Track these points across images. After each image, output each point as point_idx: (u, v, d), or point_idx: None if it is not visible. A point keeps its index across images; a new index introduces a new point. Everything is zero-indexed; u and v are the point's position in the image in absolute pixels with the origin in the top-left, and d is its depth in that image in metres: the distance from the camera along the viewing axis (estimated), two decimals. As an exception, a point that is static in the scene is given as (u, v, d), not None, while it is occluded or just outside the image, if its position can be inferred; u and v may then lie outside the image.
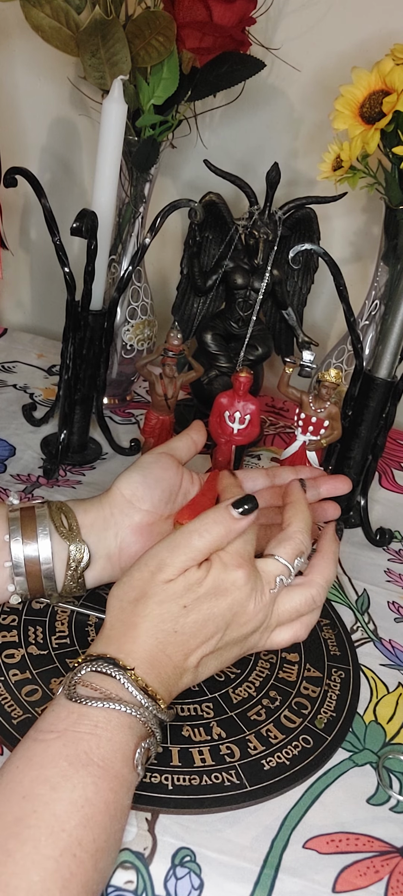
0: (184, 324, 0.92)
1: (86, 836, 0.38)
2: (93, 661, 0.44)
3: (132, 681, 0.43)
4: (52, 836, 0.37)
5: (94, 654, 0.45)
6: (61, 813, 0.37)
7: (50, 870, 0.36)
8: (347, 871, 0.45)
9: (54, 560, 0.53)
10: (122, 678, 0.43)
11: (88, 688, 0.43)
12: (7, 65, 1.00)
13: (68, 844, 0.37)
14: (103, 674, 0.43)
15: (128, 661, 0.44)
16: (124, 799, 0.41)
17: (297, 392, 0.72)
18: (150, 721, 0.43)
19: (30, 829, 0.37)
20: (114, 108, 0.69)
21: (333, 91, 0.74)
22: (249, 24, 0.78)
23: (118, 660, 0.44)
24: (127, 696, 0.43)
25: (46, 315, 1.16)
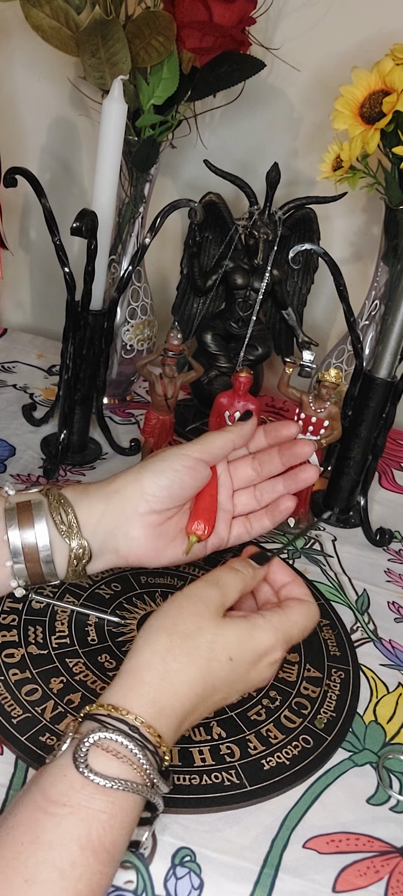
0: (184, 324, 0.92)
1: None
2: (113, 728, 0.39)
3: (152, 760, 0.40)
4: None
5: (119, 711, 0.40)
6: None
7: None
8: (347, 870, 0.45)
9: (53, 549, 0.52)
10: (143, 761, 0.39)
11: (103, 751, 0.39)
12: (7, 65, 1.00)
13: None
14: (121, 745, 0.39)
15: (159, 724, 0.41)
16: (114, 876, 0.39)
17: (297, 392, 0.72)
18: (159, 799, 0.41)
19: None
20: (114, 108, 0.69)
21: (333, 91, 0.74)
22: (249, 24, 0.78)
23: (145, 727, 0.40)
24: (143, 776, 0.40)
25: (46, 315, 1.16)
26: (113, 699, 0.41)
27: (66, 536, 0.52)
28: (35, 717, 0.49)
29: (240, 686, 0.46)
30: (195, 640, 0.43)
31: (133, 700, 0.41)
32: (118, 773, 0.38)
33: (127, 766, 0.39)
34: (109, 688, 0.42)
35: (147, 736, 0.40)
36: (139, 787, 0.39)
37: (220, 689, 0.44)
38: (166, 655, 0.42)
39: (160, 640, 0.43)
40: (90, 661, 0.54)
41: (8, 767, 0.46)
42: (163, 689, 0.41)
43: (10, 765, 0.46)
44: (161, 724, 0.41)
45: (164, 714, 0.41)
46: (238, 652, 0.45)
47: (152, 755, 0.40)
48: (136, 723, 0.40)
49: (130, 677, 0.42)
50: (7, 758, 0.47)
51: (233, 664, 0.44)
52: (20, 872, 0.35)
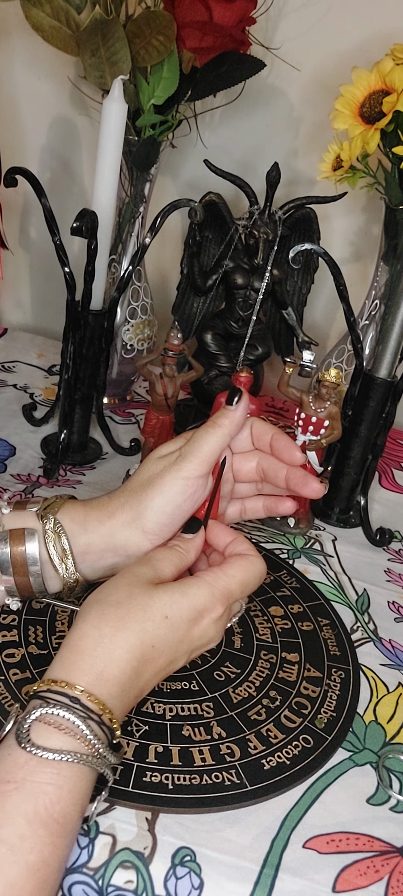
0: (184, 323, 0.91)
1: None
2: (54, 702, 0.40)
3: (97, 730, 0.40)
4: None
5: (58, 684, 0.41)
6: (18, 879, 0.35)
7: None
8: (347, 870, 0.45)
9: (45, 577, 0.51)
10: (86, 731, 0.39)
11: (46, 725, 0.39)
12: (7, 65, 1.00)
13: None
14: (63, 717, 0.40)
15: (98, 690, 0.41)
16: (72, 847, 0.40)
17: (297, 392, 0.72)
18: (108, 768, 0.41)
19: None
20: (115, 107, 0.69)
21: (333, 91, 0.74)
22: (249, 24, 0.78)
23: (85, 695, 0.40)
24: (88, 746, 0.40)
25: (46, 315, 1.16)
26: (52, 674, 0.42)
27: (58, 567, 0.51)
28: (35, 716, 0.49)
29: (185, 646, 0.46)
30: (127, 606, 0.44)
31: (70, 671, 0.41)
32: (61, 745, 0.39)
33: (70, 737, 0.39)
34: (50, 665, 0.43)
35: (88, 705, 0.40)
36: (85, 758, 0.39)
37: (163, 650, 0.44)
38: (99, 623, 0.43)
39: (93, 610, 0.44)
40: (90, 661, 0.54)
41: (8, 767, 0.46)
42: (98, 654, 0.42)
43: (10, 764, 0.46)
44: (101, 692, 0.41)
45: (103, 680, 0.41)
46: (172, 610, 0.44)
47: (97, 724, 0.40)
48: (76, 693, 0.40)
49: (67, 650, 0.43)
50: (7, 757, 0.47)
51: (170, 622, 0.44)
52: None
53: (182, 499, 0.51)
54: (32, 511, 0.52)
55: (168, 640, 0.44)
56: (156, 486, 0.51)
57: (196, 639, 0.46)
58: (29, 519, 0.51)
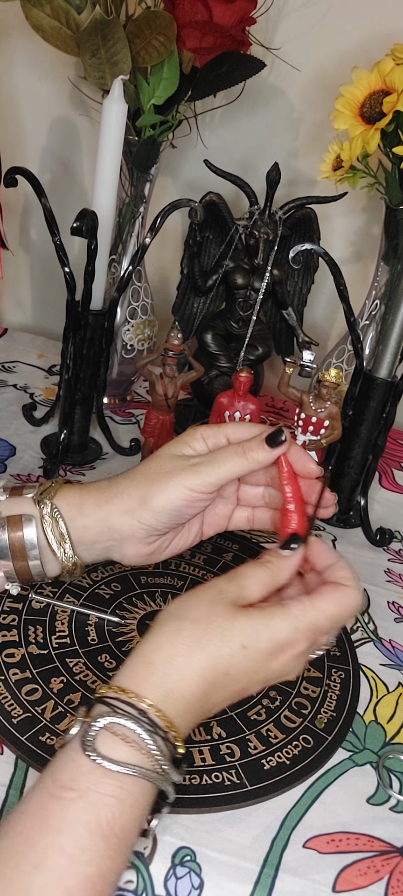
0: (185, 324, 0.92)
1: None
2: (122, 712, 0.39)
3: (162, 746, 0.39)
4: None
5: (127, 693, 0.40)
6: (75, 891, 0.35)
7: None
8: (347, 870, 0.45)
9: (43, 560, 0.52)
10: (152, 746, 0.39)
11: (112, 735, 0.38)
12: (7, 65, 1.00)
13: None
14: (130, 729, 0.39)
15: (167, 706, 0.40)
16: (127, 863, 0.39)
17: (297, 392, 0.72)
18: (169, 787, 0.40)
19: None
20: (115, 108, 0.69)
21: (333, 91, 0.74)
22: (249, 24, 0.78)
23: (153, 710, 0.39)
24: (152, 762, 0.39)
25: (46, 315, 1.16)
26: (121, 682, 0.41)
27: (57, 551, 0.51)
28: (35, 716, 0.49)
29: (261, 677, 0.44)
30: (205, 626, 0.42)
31: (140, 683, 0.40)
32: (126, 758, 0.38)
33: (135, 750, 0.38)
34: (119, 671, 0.42)
35: (155, 720, 0.39)
36: (148, 773, 0.38)
37: (237, 678, 0.43)
38: (175, 638, 0.42)
39: (170, 624, 0.43)
40: (90, 661, 0.54)
41: (8, 767, 0.46)
42: (169, 672, 0.41)
43: (10, 765, 0.46)
44: (169, 709, 0.40)
45: (172, 697, 0.40)
46: (251, 640, 0.42)
47: (162, 740, 0.39)
48: (144, 706, 0.39)
49: (138, 660, 0.42)
50: (7, 758, 0.47)
51: (248, 652, 0.42)
52: (29, 858, 0.35)
53: (184, 505, 0.51)
54: (29, 497, 0.51)
55: (243, 669, 0.43)
56: (161, 484, 0.51)
57: (273, 671, 0.44)
58: (25, 505, 0.51)
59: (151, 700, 0.40)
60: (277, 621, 0.43)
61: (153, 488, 0.51)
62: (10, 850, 0.35)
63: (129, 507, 0.51)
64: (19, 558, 0.51)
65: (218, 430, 0.52)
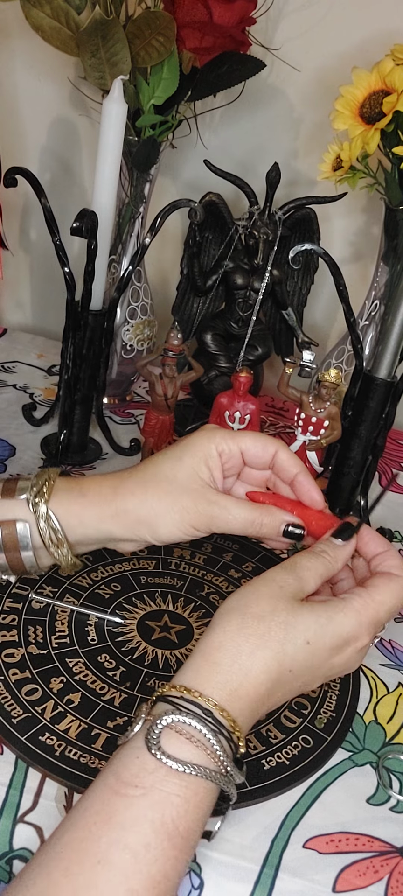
0: (184, 324, 0.91)
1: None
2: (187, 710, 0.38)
3: (226, 746, 0.39)
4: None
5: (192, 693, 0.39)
6: (139, 888, 0.34)
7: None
8: (347, 870, 0.45)
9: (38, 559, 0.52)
10: (216, 746, 0.38)
11: (177, 734, 0.38)
12: (7, 65, 1.00)
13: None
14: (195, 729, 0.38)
15: (231, 706, 0.39)
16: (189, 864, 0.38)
17: (297, 392, 0.72)
18: (232, 789, 0.40)
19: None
20: (114, 108, 0.69)
21: (333, 91, 0.74)
22: (249, 24, 0.78)
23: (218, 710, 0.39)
24: (217, 762, 0.38)
25: (46, 315, 1.16)
26: (185, 680, 0.40)
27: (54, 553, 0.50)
28: (35, 716, 0.49)
29: (324, 671, 0.44)
30: (269, 622, 0.42)
31: (204, 682, 0.40)
32: (191, 758, 0.38)
33: (200, 750, 0.38)
34: (181, 669, 0.41)
35: (220, 720, 0.39)
36: (212, 774, 0.38)
37: (299, 674, 0.42)
38: (237, 636, 0.41)
39: (232, 621, 0.42)
40: (90, 661, 0.54)
41: (8, 767, 0.46)
42: (234, 670, 0.40)
43: (10, 765, 0.46)
44: (234, 708, 0.40)
45: (237, 697, 0.40)
46: (316, 636, 0.42)
47: (227, 741, 0.39)
48: (209, 706, 0.39)
49: (201, 658, 0.41)
50: (7, 758, 0.47)
51: (311, 648, 0.42)
52: (92, 853, 0.34)
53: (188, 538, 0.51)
54: (22, 500, 0.50)
55: (307, 664, 0.42)
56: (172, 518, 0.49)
57: (336, 665, 0.44)
58: (19, 509, 0.50)
59: (216, 699, 0.39)
60: (341, 616, 0.43)
61: (162, 520, 0.50)
62: (73, 845, 0.35)
63: (133, 524, 0.50)
64: (13, 551, 0.50)
65: (233, 441, 0.51)
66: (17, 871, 0.42)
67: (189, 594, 0.63)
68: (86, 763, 0.46)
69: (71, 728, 0.49)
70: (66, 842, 0.35)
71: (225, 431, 0.51)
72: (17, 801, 0.44)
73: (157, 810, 0.36)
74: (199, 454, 0.50)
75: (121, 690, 0.52)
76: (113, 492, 0.50)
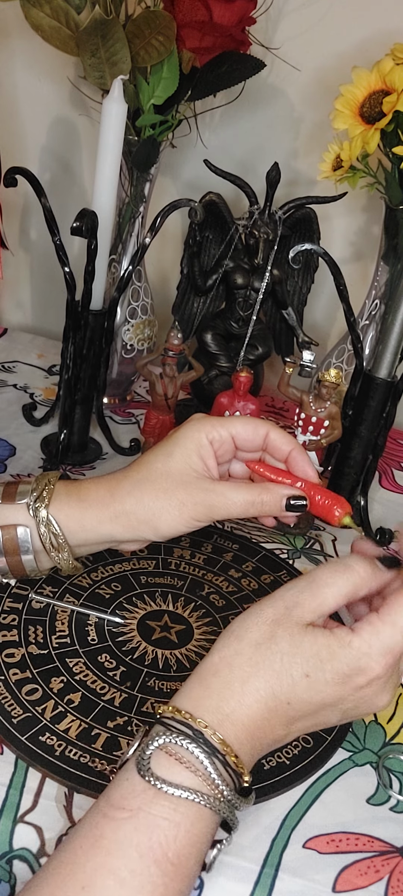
0: (185, 323, 0.92)
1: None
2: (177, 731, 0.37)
3: (222, 770, 0.37)
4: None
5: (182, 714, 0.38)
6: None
7: None
8: (347, 870, 0.45)
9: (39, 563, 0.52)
10: (210, 769, 0.37)
11: (168, 756, 0.37)
12: (7, 65, 1.00)
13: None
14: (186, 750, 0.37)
15: (224, 730, 0.38)
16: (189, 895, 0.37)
17: (297, 392, 0.72)
18: (231, 815, 0.38)
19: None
20: (114, 107, 0.69)
21: (333, 91, 0.74)
22: (249, 24, 0.78)
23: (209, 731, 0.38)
24: (211, 787, 0.37)
25: (46, 315, 1.16)
26: (179, 703, 0.40)
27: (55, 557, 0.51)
28: (35, 716, 0.49)
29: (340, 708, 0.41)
30: (265, 651, 0.40)
31: (196, 705, 0.39)
32: (182, 780, 0.36)
33: (192, 773, 0.37)
34: (179, 691, 0.41)
35: (212, 742, 0.37)
36: (206, 798, 0.36)
37: (301, 708, 0.40)
38: (232, 662, 0.40)
39: (229, 646, 0.41)
40: (90, 661, 0.54)
41: (8, 767, 0.46)
42: (226, 696, 0.39)
43: (10, 765, 0.46)
44: (228, 734, 0.38)
45: (230, 722, 0.39)
46: (315, 669, 0.40)
47: (222, 765, 0.38)
48: (200, 727, 0.38)
49: (196, 681, 0.40)
50: (7, 758, 0.47)
51: (310, 681, 0.39)
52: (78, 878, 0.34)
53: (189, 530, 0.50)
54: (22, 504, 0.50)
55: (307, 699, 0.40)
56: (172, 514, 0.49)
57: (351, 702, 0.41)
58: (19, 514, 0.50)
59: (208, 722, 0.38)
60: (345, 651, 0.40)
61: (162, 517, 0.50)
62: (60, 869, 0.34)
63: (134, 525, 0.50)
64: (13, 555, 0.50)
65: (224, 429, 0.50)
66: (17, 871, 0.42)
67: (189, 594, 0.63)
68: (87, 763, 0.46)
69: (71, 728, 0.49)
70: (55, 867, 0.35)
71: (214, 419, 0.51)
72: (17, 801, 0.44)
73: (144, 833, 0.35)
74: (190, 446, 0.50)
75: (121, 690, 0.52)
76: (110, 495, 0.50)
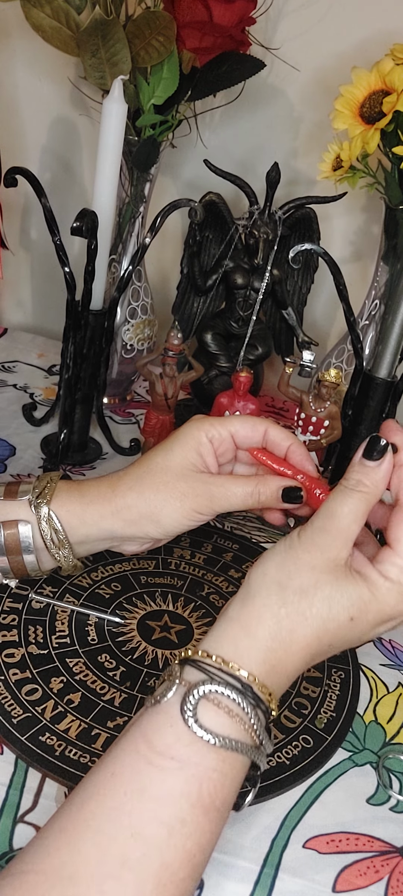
0: (185, 323, 0.92)
1: (191, 887, 0.35)
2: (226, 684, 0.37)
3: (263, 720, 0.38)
4: (158, 887, 0.33)
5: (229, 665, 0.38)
6: (173, 862, 0.34)
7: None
8: (347, 870, 0.45)
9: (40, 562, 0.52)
10: (254, 721, 0.37)
11: (214, 706, 0.37)
12: (7, 65, 1.00)
13: None
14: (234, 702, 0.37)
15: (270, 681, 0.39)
16: None
17: (297, 392, 0.72)
18: (264, 759, 0.39)
19: (134, 872, 0.33)
20: (115, 107, 0.69)
21: (333, 91, 0.74)
22: (249, 24, 0.78)
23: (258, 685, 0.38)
24: (253, 736, 0.38)
25: (47, 315, 1.16)
26: (221, 651, 0.39)
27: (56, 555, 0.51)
28: (35, 716, 0.49)
29: (363, 640, 0.43)
30: (311, 598, 0.40)
31: (243, 655, 0.39)
32: (229, 732, 0.37)
33: (238, 724, 0.37)
34: (215, 634, 0.40)
35: (259, 695, 0.38)
36: (248, 748, 0.37)
37: (338, 646, 0.42)
38: (279, 612, 0.40)
39: (272, 594, 0.40)
40: (90, 661, 0.54)
41: (8, 767, 0.46)
42: (275, 648, 0.39)
43: (10, 764, 0.46)
44: (272, 683, 0.39)
45: (275, 672, 0.39)
46: (360, 612, 0.40)
47: (264, 716, 0.38)
48: (249, 681, 0.38)
49: (239, 628, 0.40)
50: (7, 757, 0.47)
51: (354, 624, 0.40)
52: (125, 825, 0.34)
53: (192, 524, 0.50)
54: (24, 500, 0.50)
55: (347, 639, 0.41)
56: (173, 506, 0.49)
57: (374, 635, 0.43)
58: (21, 510, 0.50)
59: (256, 674, 0.38)
60: (384, 594, 0.41)
61: (164, 510, 0.49)
62: (103, 815, 0.34)
63: (137, 521, 0.50)
64: (15, 554, 0.50)
65: (223, 427, 0.51)
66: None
67: (189, 594, 0.63)
68: (87, 763, 0.46)
69: (71, 728, 0.49)
70: (94, 809, 0.35)
71: (213, 419, 0.51)
72: (17, 801, 0.45)
73: (194, 785, 0.35)
74: (190, 443, 0.50)
75: (121, 690, 0.52)
76: (111, 490, 0.51)
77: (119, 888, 0.32)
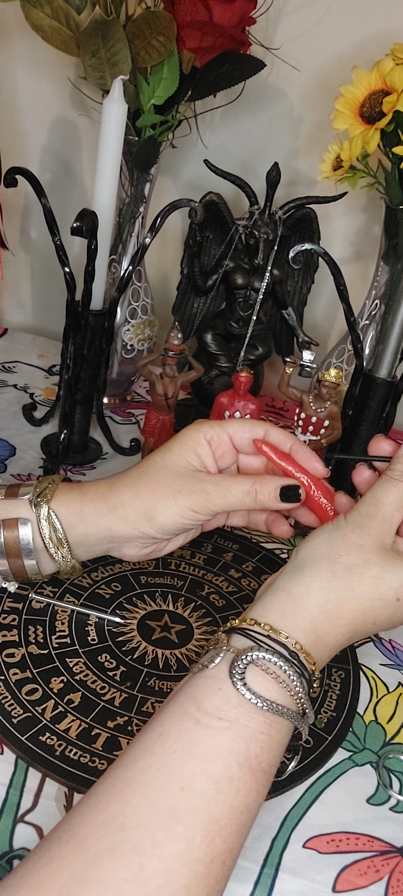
0: (185, 324, 0.92)
1: (237, 843, 0.36)
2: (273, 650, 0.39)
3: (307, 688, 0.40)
4: (207, 839, 0.34)
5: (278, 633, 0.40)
6: (221, 817, 0.35)
7: (199, 875, 0.33)
8: (347, 870, 0.45)
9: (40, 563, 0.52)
10: (299, 689, 0.39)
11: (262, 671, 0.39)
12: (7, 65, 1.00)
13: (221, 851, 0.34)
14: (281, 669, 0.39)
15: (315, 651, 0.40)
16: None
17: (297, 392, 0.72)
18: (306, 727, 0.41)
19: (184, 826, 0.34)
20: (115, 108, 0.69)
21: (333, 91, 0.74)
22: (249, 24, 0.78)
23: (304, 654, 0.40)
24: (297, 703, 0.40)
25: (47, 315, 1.16)
26: (270, 619, 0.41)
27: (55, 555, 0.51)
28: (35, 716, 0.49)
29: (399, 622, 0.44)
30: (360, 575, 0.42)
31: (291, 624, 0.41)
32: (275, 697, 0.38)
33: (284, 690, 0.39)
34: (262, 604, 0.42)
35: (304, 663, 0.40)
36: (292, 714, 0.39)
37: (381, 625, 0.43)
38: (327, 585, 0.41)
39: (322, 568, 0.42)
40: (90, 661, 0.54)
41: (8, 767, 0.46)
42: (321, 619, 0.41)
43: (10, 764, 0.46)
44: (317, 653, 0.41)
45: (320, 643, 0.41)
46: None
47: (308, 684, 0.40)
48: (296, 648, 0.40)
49: (287, 599, 0.42)
50: (7, 757, 0.47)
51: (400, 605, 0.42)
52: (175, 780, 0.35)
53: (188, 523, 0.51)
54: (25, 499, 0.51)
55: (391, 619, 0.43)
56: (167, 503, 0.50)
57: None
58: (21, 508, 0.51)
59: (302, 643, 0.40)
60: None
61: (159, 507, 0.50)
62: (152, 771, 0.35)
63: (133, 518, 0.51)
64: (15, 557, 0.51)
65: (221, 429, 0.51)
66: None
67: (189, 594, 0.63)
68: (87, 763, 0.47)
69: (71, 728, 0.49)
70: (143, 767, 0.35)
71: (212, 421, 0.52)
72: (17, 801, 0.45)
73: (243, 744, 0.36)
74: (189, 444, 0.51)
75: (121, 690, 0.52)
76: (109, 489, 0.52)
77: (170, 838, 0.33)
